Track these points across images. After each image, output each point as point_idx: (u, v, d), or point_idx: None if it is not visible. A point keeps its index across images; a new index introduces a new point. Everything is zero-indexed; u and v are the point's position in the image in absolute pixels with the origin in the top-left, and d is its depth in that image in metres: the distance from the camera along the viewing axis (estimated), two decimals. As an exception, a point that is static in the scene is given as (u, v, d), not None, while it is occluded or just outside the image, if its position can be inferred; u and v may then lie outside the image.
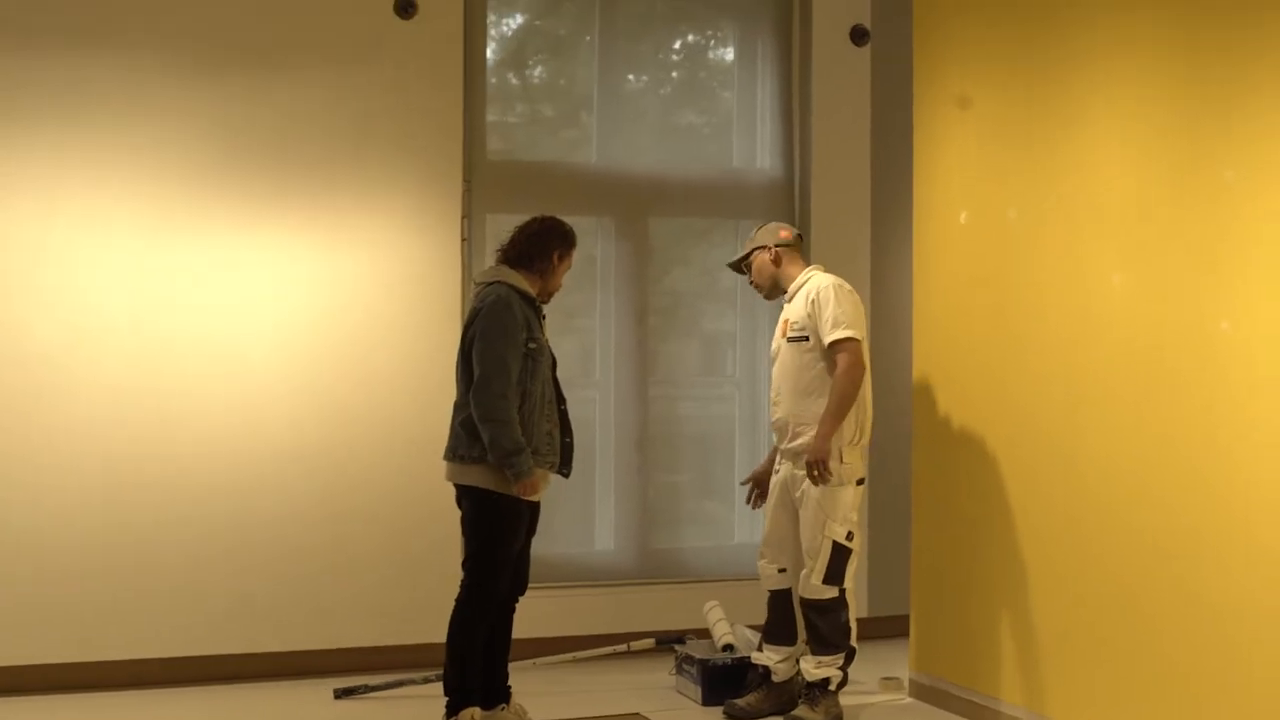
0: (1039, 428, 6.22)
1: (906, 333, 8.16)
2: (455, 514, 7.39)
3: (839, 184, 8.26)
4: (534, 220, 6.30)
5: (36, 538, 7.03)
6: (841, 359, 6.35)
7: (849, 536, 6.40)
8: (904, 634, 7.75)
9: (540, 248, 6.22)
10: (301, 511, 7.39)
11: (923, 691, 6.97)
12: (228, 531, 7.28)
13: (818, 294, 6.44)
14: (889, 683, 7.19)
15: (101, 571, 7.10)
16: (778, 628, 6.67)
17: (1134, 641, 5.68)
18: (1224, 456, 5.26)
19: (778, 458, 6.63)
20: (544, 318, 6.27)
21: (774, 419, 6.59)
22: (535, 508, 6.24)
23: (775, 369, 6.60)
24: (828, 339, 6.37)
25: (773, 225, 6.72)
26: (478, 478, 6.05)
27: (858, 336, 6.39)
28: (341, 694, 6.95)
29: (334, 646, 7.40)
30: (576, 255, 6.36)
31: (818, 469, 6.29)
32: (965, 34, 6.75)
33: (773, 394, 6.60)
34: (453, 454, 6.14)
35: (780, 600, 6.64)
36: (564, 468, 6.28)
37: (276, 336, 7.36)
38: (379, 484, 7.50)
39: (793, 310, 6.54)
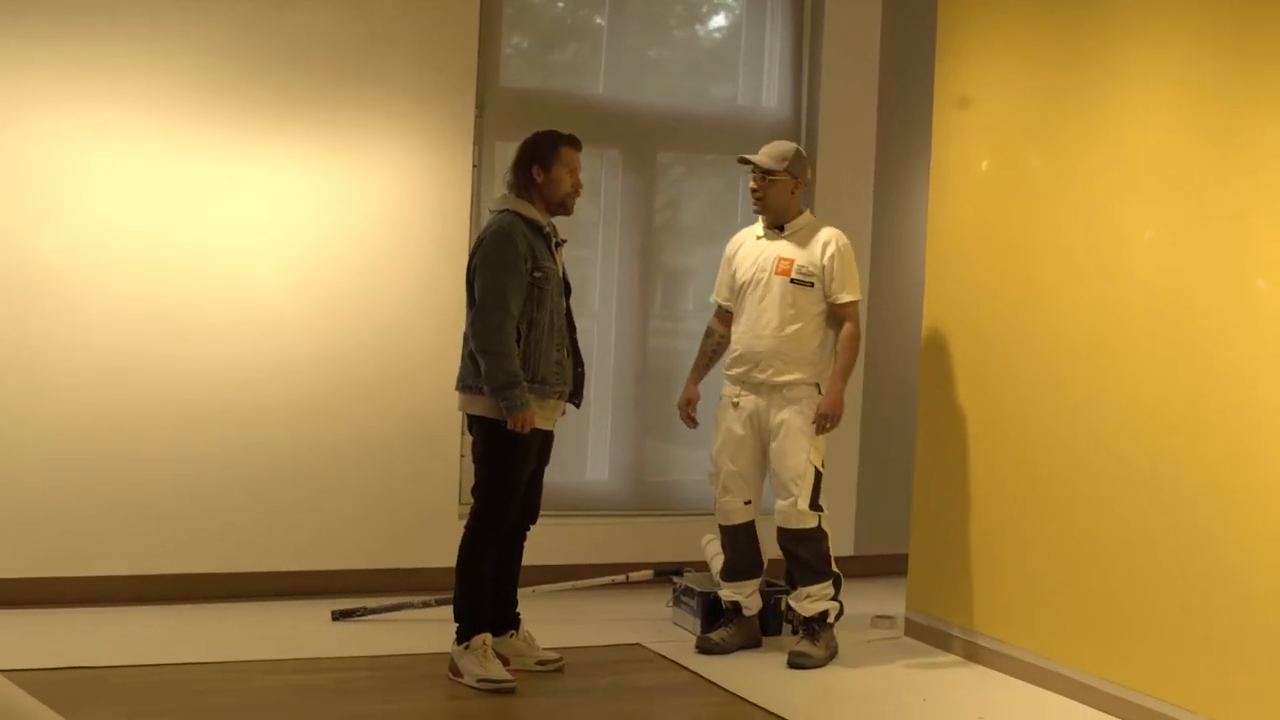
0: (1055, 372, 6.28)
1: (905, 272, 8.31)
2: (456, 439, 7.52)
3: (845, 126, 8.29)
4: (515, 154, 6.24)
5: (34, 451, 6.98)
6: (849, 324, 6.59)
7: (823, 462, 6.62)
8: (892, 572, 7.87)
9: (522, 171, 6.15)
10: (303, 431, 7.38)
11: (918, 630, 7.05)
12: (229, 449, 7.26)
13: (837, 250, 6.60)
14: (882, 621, 7.27)
15: (98, 487, 7.07)
16: (743, 562, 6.78)
17: (1147, 588, 5.77)
18: (1252, 410, 5.33)
19: (737, 390, 6.67)
20: (560, 244, 6.24)
21: (754, 349, 6.62)
22: (547, 437, 6.24)
23: (760, 301, 6.62)
24: (841, 299, 6.58)
25: (803, 155, 6.72)
26: (484, 407, 6.05)
27: (860, 299, 6.68)
28: (340, 616, 6.96)
29: (331, 568, 7.41)
30: (573, 154, 6.20)
31: (832, 423, 6.54)
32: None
33: (759, 326, 6.61)
34: (461, 384, 6.15)
35: (745, 534, 6.75)
36: (575, 397, 6.30)
37: (282, 256, 7.32)
38: (382, 406, 7.50)
39: (800, 254, 6.60)
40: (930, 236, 7.12)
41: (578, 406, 6.37)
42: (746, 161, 6.68)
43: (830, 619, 6.62)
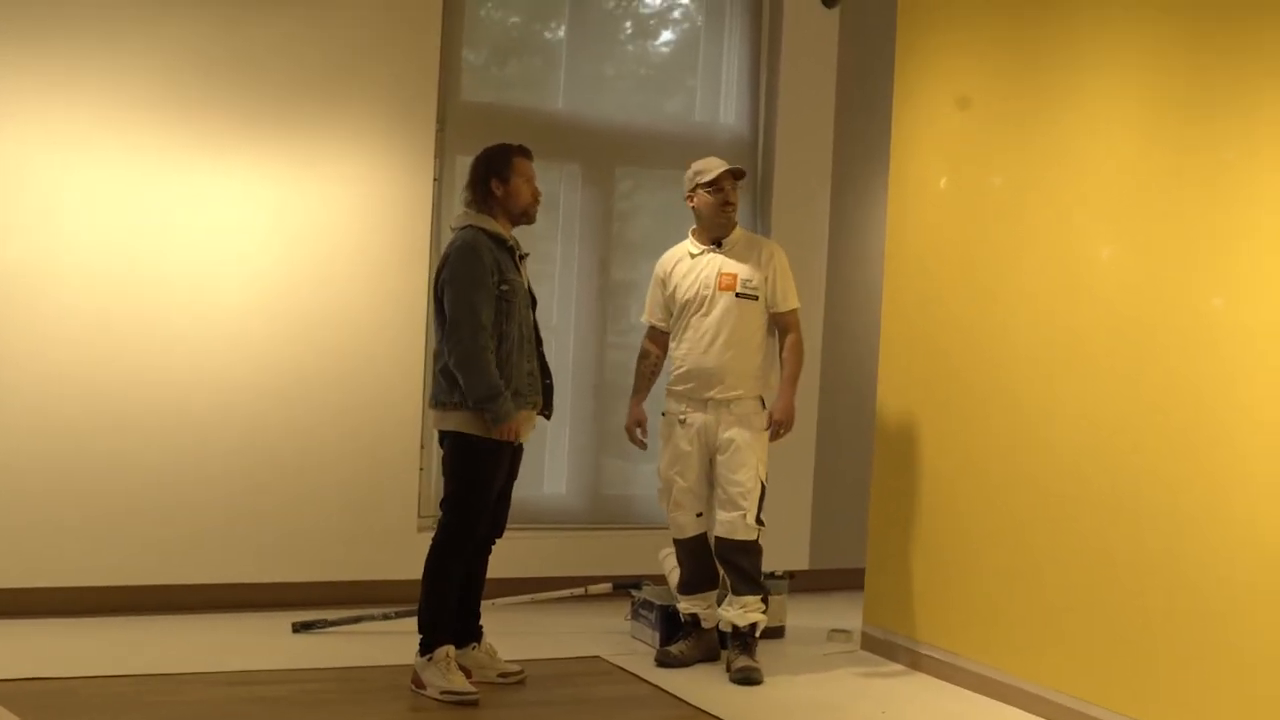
0: (1012, 390, 6.35)
1: (860, 286, 8.39)
2: (416, 451, 7.55)
3: (802, 142, 8.38)
4: (469, 170, 6.27)
5: (-8, 459, 6.99)
6: (793, 332, 6.71)
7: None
8: (846, 586, 7.95)
9: (480, 186, 6.18)
10: (262, 443, 7.38)
11: (875, 644, 7.10)
12: (188, 460, 7.25)
13: (775, 260, 6.72)
14: (838, 634, 7.32)
15: (59, 496, 7.05)
16: (700, 575, 6.83)
17: (1104, 603, 5.85)
18: (1210, 428, 5.41)
19: (683, 407, 6.71)
20: (524, 257, 6.28)
21: (702, 366, 6.66)
22: (517, 451, 6.26)
23: (706, 318, 6.67)
24: (786, 307, 6.70)
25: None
26: (457, 423, 6.08)
27: (799, 307, 6.80)
28: (300, 628, 6.96)
29: (290, 580, 7.42)
30: (534, 168, 6.26)
31: (786, 429, 6.65)
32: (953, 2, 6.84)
33: (704, 342, 6.66)
34: (434, 400, 6.18)
35: (700, 547, 6.80)
36: (546, 409, 6.34)
37: (245, 268, 7.33)
38: (342, 418, 7.52)
39: (742, 267, 6.68)
40: (888, 253, 7.19)
41: (548, 418, 6.41)
42: (741, 174, 6.73)
43: (758, 632, 6.70)
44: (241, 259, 7.32)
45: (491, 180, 6.17)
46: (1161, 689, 5.58)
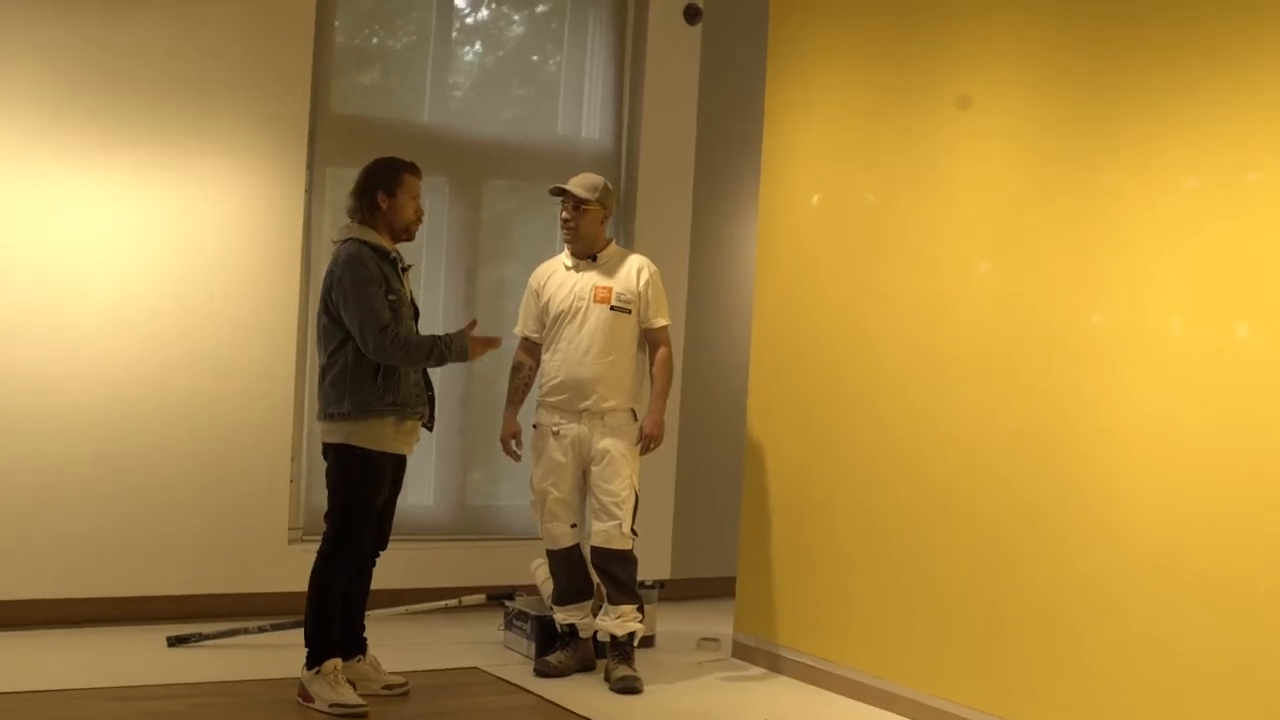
0: (880, 406, 6.53)
1: (721, 301, 8.54)
2: (286, 462, 7.54)
3: (664, 158, 8.51)
4: (356, 181, 6.28)
5: None
6: (664, 347, 6.84)
7: None
8: (706, 595, 8.10)
9: (366, 199, 6.19)
10: (129, 453, 7.30)
11: (746, 651, 7.24)
12: (50, 470, 7.15)
13: (651, 276, 6.84)
14: (708, 643, 7.45)
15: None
16: (576, 585, 6.93)
17: (971, 609, 6.04)
18: (1080, 442, 5.60)
19: (557, 418, 6.80)
20: (406, 269, 6.32)
21: (577, 376, 6.75)
22: (400, 463, 6.30)
23: (580, 330, 6.77)
24: (657, 323, 6.82)
25: (610, 188, 6.88)
26: (343, 435, 6.10)
27: (670, 323, 6.94)
28: (176, 641, 6.92)
29: (158, 593, 7.35)
30: (415, 180, 6.28)
31: (656, 443, 6.76)
32: (828, 14, 6.95)
33: (578, 353, 6.75)
34: (322, 413, 6.19)
35: (574, 557, 6.89)
36: (429, 421, 6.38)
37: (114, 277, 7.25)
38: (209, 428, 7.48)
39: (616, 281, 6.79)
40: (759, 267, 7.31)
41: (430, 430, 6.44)
42: (561, 191, 6.82)
43: (636, 641, 6.82)
44: (110, 266, 7.25)
45: (378, 193, 6.19)
46: (1012, 685, 5.81)
